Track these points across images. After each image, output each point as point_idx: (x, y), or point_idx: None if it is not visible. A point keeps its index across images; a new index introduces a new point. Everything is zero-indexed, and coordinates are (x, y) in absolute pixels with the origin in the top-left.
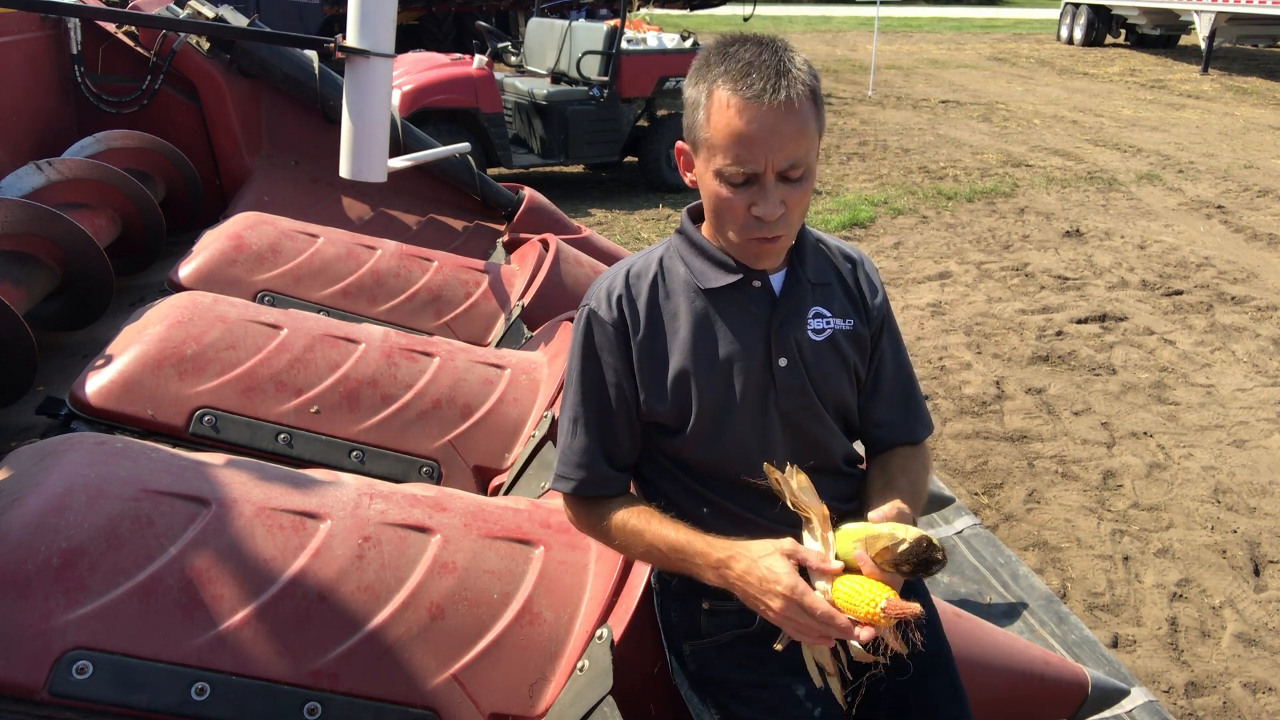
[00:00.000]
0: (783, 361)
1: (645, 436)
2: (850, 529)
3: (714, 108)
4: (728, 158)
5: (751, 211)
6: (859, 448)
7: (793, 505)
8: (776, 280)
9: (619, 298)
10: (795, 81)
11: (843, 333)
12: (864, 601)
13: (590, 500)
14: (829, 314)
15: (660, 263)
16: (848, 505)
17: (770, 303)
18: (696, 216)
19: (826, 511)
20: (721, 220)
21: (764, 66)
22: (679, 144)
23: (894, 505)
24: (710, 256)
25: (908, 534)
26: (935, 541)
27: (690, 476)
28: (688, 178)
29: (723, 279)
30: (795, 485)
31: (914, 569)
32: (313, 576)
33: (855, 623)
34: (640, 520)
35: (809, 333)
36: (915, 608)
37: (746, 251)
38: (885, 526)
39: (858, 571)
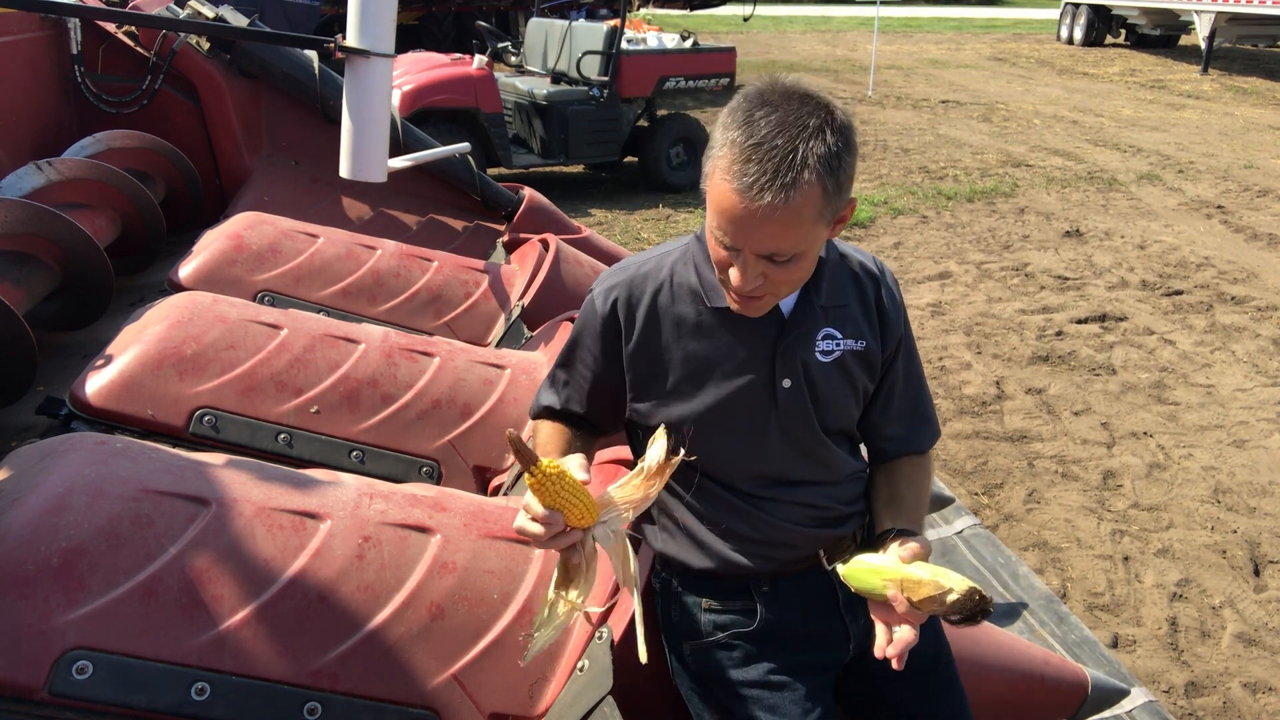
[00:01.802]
0: (786, 383)
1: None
2: (876, 565)
3: (715, 174)
4: (714, 223)
5: (729, 274)
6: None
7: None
8: (788, 302)
9: (616, 300)
10: (797, 174)
11: (853, 353)
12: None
13: None
14: (840, 335)
15: (672, 268)
16: (850, 508)
17: (779, 324)
18: None
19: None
20: (714, 264)
21: (771, 154)
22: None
23: (921, 543)
24: None
25: (954, 583)
26: (984, 591)
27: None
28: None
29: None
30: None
31: (962, 619)
32: (313, 576)
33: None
34: (541, 436)
35: (817, 354)
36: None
37: (731, 303)
38: (925, 571)
39: (885, 603)
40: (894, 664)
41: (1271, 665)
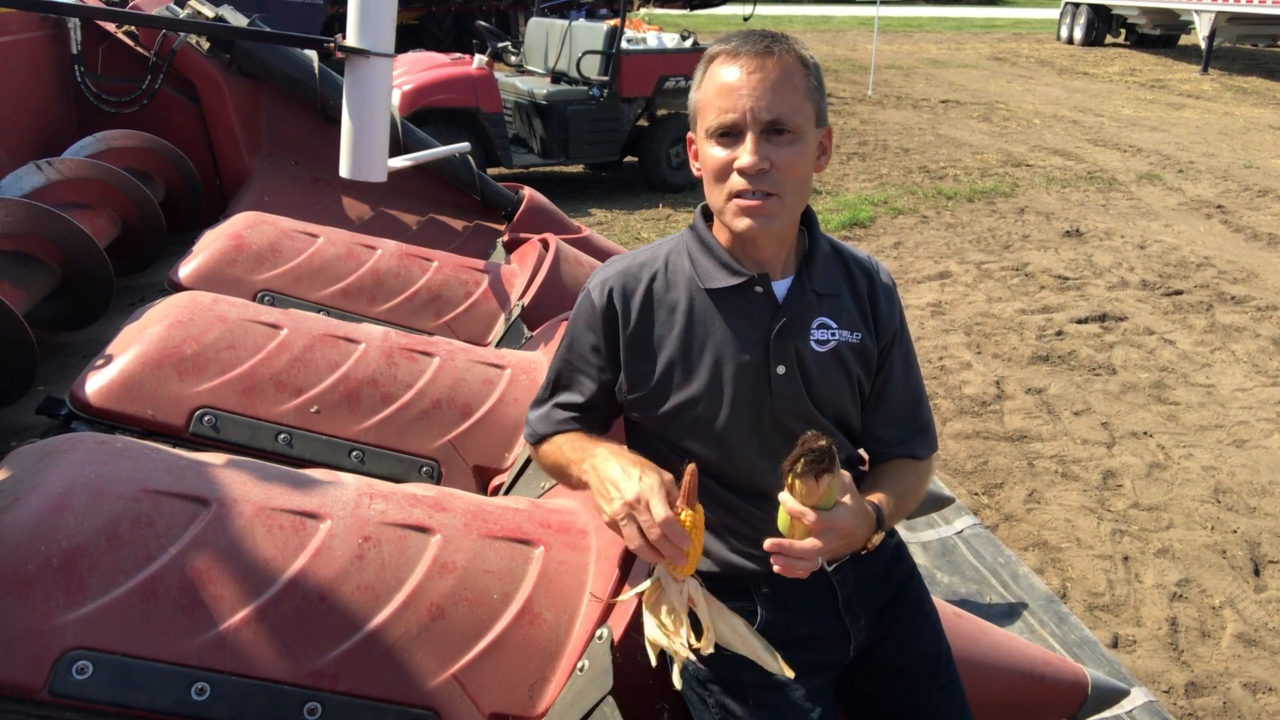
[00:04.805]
0: (781, 369)
1: (648, 432)
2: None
3: (706, 77)
4: (712, 111)
5: (734, 166)
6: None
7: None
8: (781, 287)
9: (612, 289)
10: (783, 47)
11: (848, 345)
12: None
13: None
14: (835, 326)
15: (666, 257)
16: None
17: (772, 309)
18: (709, 214)
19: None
20: (712, 188)
21: (755, 37)
22: (689, 135)
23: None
24: (716, 256)
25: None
26: (824, 441)
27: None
28: (694, 167)
29: (725, 280)
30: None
31: (808, 465)
32: (313, 576)
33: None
34: (561, 440)
35: (812, 343)
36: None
37: (734, 219)
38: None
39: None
40: (775, 566)
41: (1271, 665)
